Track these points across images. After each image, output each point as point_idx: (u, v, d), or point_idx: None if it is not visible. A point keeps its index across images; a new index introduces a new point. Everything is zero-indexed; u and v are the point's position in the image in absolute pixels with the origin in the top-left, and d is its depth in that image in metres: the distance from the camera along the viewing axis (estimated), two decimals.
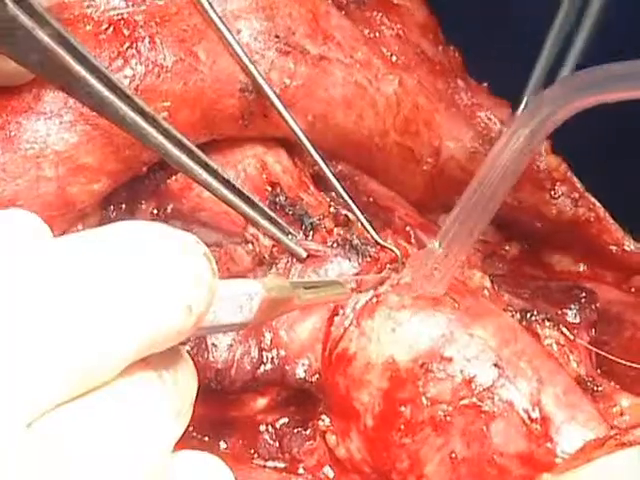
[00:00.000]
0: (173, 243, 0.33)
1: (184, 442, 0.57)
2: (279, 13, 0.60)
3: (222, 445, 0.59)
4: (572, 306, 0.62)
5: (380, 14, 0.66)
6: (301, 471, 0.58)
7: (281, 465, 0.59)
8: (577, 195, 0.68)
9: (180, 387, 0.35)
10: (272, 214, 0.56)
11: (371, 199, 0.67)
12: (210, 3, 0.57)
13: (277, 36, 0.59)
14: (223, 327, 0.39)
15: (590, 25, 0.60)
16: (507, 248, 0.72)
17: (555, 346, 0.58)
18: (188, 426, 0.57)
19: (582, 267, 0.71)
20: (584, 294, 0.63)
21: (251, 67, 0.58)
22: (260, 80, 0.58)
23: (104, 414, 0.31)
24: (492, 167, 0.48)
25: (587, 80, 0.42)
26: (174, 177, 0.59)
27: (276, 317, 0.48)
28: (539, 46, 0.68)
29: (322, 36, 0.61)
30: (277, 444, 0.59)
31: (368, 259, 0.59)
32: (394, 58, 0.65)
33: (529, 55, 0.67)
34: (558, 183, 0.67)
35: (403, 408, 0.54)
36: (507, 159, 0.47)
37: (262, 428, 0.59)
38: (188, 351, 0.54)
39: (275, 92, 0.59)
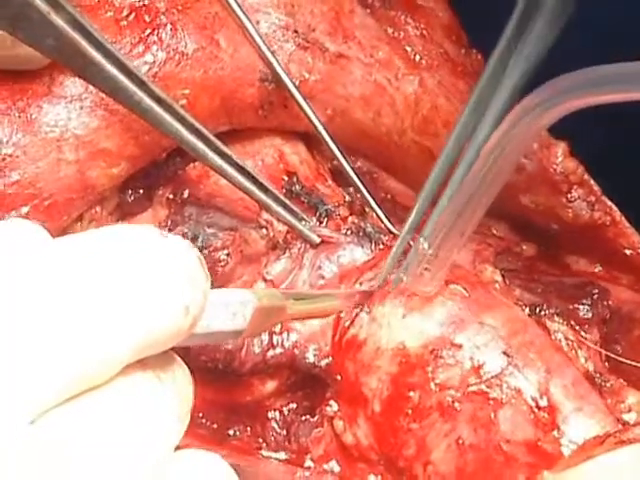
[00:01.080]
0: (168, 246, 0.34)
1: (192, 430, 0.58)
2: (300, 10, 0.61)
3: (230, 433, 0.59)
4: (584, 301, 0.62)
5: (405, 14, 0.67)
6: (309, 463, 0.59)
7: (288, 456, 0.59)
8: (593, 199, 0.67)
9: (178, 388, 0.35)
10: (286, 200, 0.57)
11: (389, 196, 0.68)
12: None
13: (296, 31, 0.61)
14: (217, 334, 0.40)
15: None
16: (524, 247, 0.72)
17: (564, 341, 0.58)
18: (197, 413, 0.58)
19: (598, 268, 0.71)
20: (597, 290, 0.63)
21: (271, 57, 0.59)
22: (279, 70, 0.59)
23: (104, 413, 0.31)
24: (482, 167, 0.48)
25: (576, 82, 0.42)
26: (192, 164, 0.60)
27: (268, 328, 0.48)
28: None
29: (342, 34, 0.63)
30: (285, 432, 0.59)
31: (381, 247, 0.59)
32: (417, 57, 0.66)
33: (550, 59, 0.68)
34: (575, 187, 0.67)
35: (411, 393, 0.54)
36: (498, 159, 0.47)
37: (270, 415, 0.59)
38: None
39: (294, 83, 0.60)
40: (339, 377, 0.57)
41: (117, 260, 0.32)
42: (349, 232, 0.59)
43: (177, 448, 0.35)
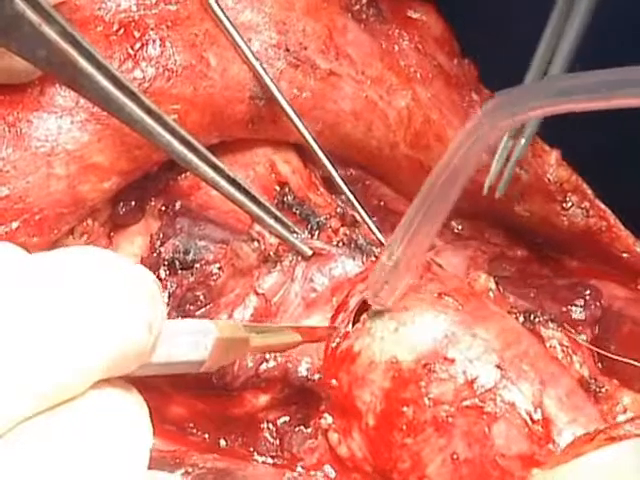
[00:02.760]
0: (129, 268, 0.36)
1: (184, 438, 0.58)
2: (292, 28, 0.61)
3: (222, 443, 0.59)
4: (577, 303, 0.62)
5: (398, 27, 0.66)
6: (299, 469, 0.59)
7: (279, 462, 0.59)
8: (587, 204, 0.67)
9: (138, 404, 0.37)
10: (277, 213, 0.57)
11: (382, 203, 0.68)
12: (222, 9, 0.58)
13: (287, 49, 0.60)
14: (179, 365, 0.41)
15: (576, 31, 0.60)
16: (518, 253, 0.71)
17: (559, 347, 0.58)
18: (188, 423, 0.58)
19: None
20: (589, 291, 0.63)
21: (262, 73, 0.59)
22: (271, 85, 0.59)
23: (74, 426, 0.32)
24: (439, 177, 0.48)
25: (533, 92, 0.42)
26: (183, 175, 0.60)
27: (230, 360, 0.49)
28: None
29: (334, 52, 0.62)
30: (277, 442, 0.59)
31: (373, 258, 0.59)
32: (411, 70, 0.65)
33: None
34: (569, 194, 0.67)
35: (405, 408, 0.54)
36: (455, 168, 0.47)
37: (263, 426, 0.59)
38: None
39: (286, 98, 0.60)
40: (332, 390, 0.57)
41: (84, 281, 0.33)
42: (341, 244, 0.59)
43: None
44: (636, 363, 0.58)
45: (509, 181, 0.64)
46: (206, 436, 0.58)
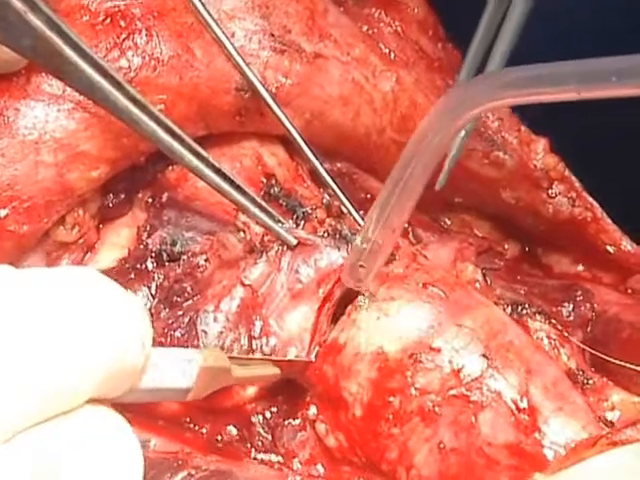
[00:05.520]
0: (119, 290, 0.37)
1: (182, 435, 0.57)
2: (275, 11, 0.61)
3: (218, 438, 0.59)
4: (566, 304, 0.62)
5: (379, 11, 0.67)
6: (297, 466, 0.59)
7: (277, 459, 0.59)
8: (574, 195, 0.67)
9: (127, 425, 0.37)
10: (262, 202, 0.57)
11: (369, 196, 0.68)
12: (203, 4, 0.58)
13: (272, 34, 0.60)
14: (165, 391, 0.42)
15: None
16: (505, 247, 0.72)
17: (546, 339, 0.58)
18: (184, 418, 0.58)
19: (580, 268, 0.71)
20: (580, 292, 0.63)
21: (245, 69, 0.59)
22: (255, 82, 0.59)
23: (73, 439, 0.33)
24: (407, 164, 0.49)
25: (488, 84, 0.43)
26: (171, 167, 0.60)
27: (214, 389, 0.50)
28: (541, 43, 0.68)
29: (318, 34, 0.62)
30: (270, 437, 0.59)
31: None
32: (392, 55, 0.65)
33: (530, 53, 0.68)
34: (555, 182, 0.67)
35: (392, 398, 0.54)
36: (422, 155, 0.48)
37: (254, 419, 0.59)
38: None
39: (270, 92, 0.60)
40: (319, 381, 0.57)
41: (84, 295, 0.35)
42: (326, 234, 0.59)
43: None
44: (627, 364, 0.58)
45: (449, 173, 0.65)
46: (203, 431, 0.58)
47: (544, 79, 0.40)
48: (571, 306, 0.62)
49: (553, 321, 0.59)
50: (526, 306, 0.59)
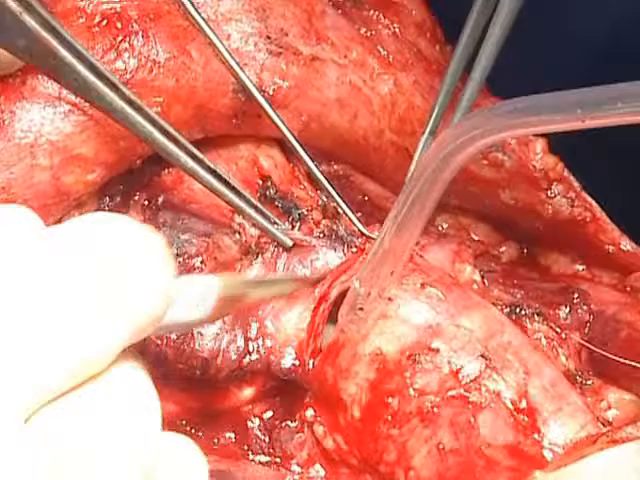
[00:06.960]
0: (145, 233, 0.34)
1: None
2: (272, 14, 0.61)
3: (215, 441, 0.59)
4: (563, 307, 0.62)
5: (377, 12, 0.66)
6: (295, 468, 0.58)
7: (275, 461, 0.59)
8: (573, 195, 0.67)
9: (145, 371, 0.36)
10: (258, 204, 0.57)
11: (366, 198, 0.68)
12: (196, 8, 0.58)
13: (269, 37, 0.60)
14: (179, 325, 0.40)
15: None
16: (502, 250, 0.71)
17: (544, 340, 0.58)
18: (181, 421, 0.58)
19: (579, 267, 0.71)
20: (577, 295, 0.63)
21: (240, 73, 0.58)
22: (248, 84, 0.59)
23: (101, 404, 0.31)
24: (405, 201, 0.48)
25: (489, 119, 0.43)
26: (167, 170, 0.60)
27: (229, 313, 0.50)
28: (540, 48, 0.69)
29: (316, 36, 0.62)
30: (267, 439, 0.59)
31: (354, 249, 0.59)
32: (390, 57, 0.65)
33: (530, 56, 0.68)
34: (555, 183, 0.67)
35: (390, 399, 0.54)
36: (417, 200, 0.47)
37: (251, 422, 0.59)
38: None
39: (265, 96, 0.60)
40: (316, 383, 0.57)
41: (107, 249, 0.33)
42: (322, 235, 0.59)
43: None
44: (626, 361, 0.58)
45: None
46: (200, 434, 0.58)
47: (550, 108, 0.40)
48: (568, 309, 0.62)
49: (551, 324, 0.59)
50: (524, 307, 0.59)
